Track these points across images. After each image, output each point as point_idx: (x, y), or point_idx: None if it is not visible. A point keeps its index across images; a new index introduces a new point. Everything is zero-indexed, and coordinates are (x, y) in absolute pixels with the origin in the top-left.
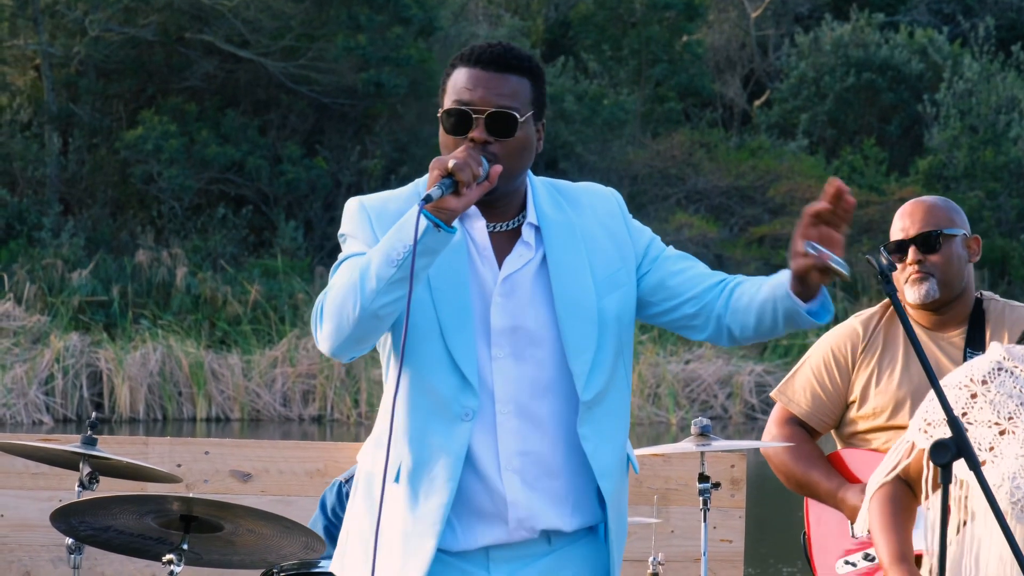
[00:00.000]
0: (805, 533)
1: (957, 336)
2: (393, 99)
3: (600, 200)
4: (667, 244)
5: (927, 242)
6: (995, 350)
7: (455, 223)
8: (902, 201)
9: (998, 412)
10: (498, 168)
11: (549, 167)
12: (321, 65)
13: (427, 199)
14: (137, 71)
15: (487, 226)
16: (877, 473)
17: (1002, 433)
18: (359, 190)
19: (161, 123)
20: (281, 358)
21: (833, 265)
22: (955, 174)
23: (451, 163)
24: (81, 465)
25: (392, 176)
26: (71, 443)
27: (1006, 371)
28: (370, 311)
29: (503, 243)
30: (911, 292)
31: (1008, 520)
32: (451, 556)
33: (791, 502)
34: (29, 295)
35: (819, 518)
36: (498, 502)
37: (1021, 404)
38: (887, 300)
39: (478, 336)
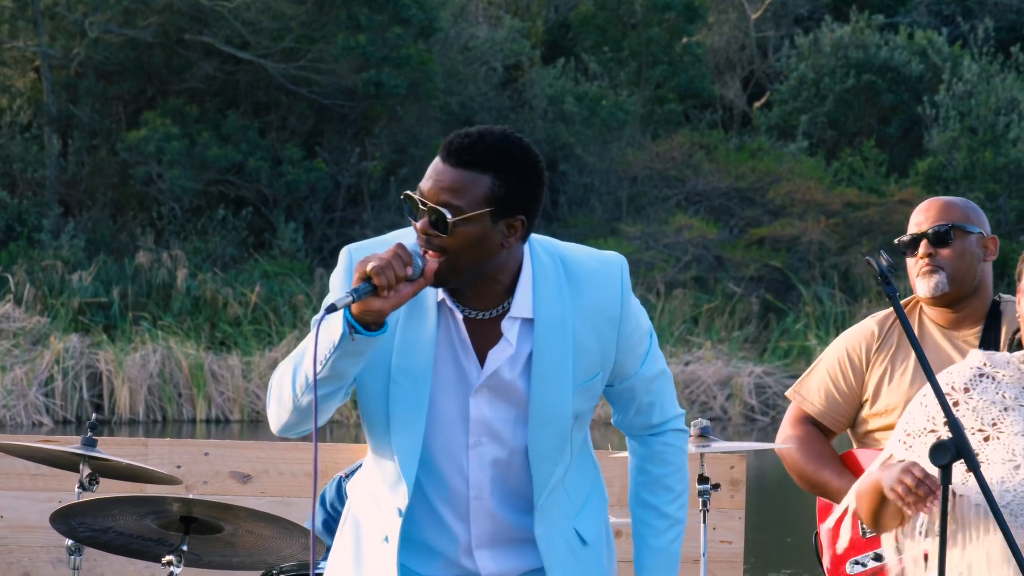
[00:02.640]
0: (816, 532)
1: (972, 335)
2: (393, 100)
3: (603, 294)
4: (666, 246)
5: (939, 236)
6: (974, 356)
7: (388, 320)
8: (902, 203)
9: (981, 419)
10: (433, 265)
11: (549, 168)
12: (321, 66)
13: (331, 308)
14: (137, 73)
15: (465, 312)
16: (859, 482)
17: (986, 439)
18: (359, 192)
19: (163, 125)
20: (281, 359)
21: None
22: (955, 176)
23: (370, 266)
24: (81, 466)
25: (392, 177)
26: (71, 444)
27: (988, 377)
28: (300, 405)
29: (483, 332)
30: (921, 285)
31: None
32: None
33: (791, 503)
34: (29, 296)
35: (830, 515)
36: (472, 571)
37: (1005, 409)
38: (908, 298)
39: (453, 426)
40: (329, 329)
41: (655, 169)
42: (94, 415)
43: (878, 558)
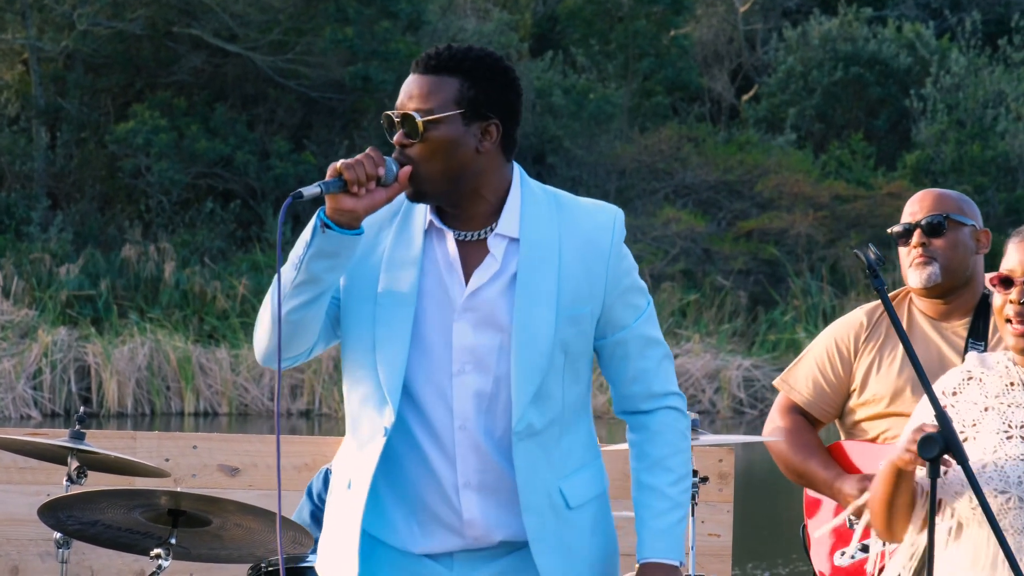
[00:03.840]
0: (804, 525)
1: (961, 327)
2: (381, 94)
3: (596, 232)
4: (654, 239)
5: (932, 227)
6: (969, 360)
7: (363, 225)
8: (890, 196)
9: (963, 421)
10: (407, 169)
11: (537, 161)
12: (309, 59)
13: (297, 195)
14: (125, 65)
15: (456, 235)
16: (870, 490)
17: (965, 440)
18: None
19: (151, 118)
20: None
21: None
22: (942, 169)
23: (339, 163)
24: (69, 459)
25: None
26: (59, 437)
27: (975, 379)
28: (281, 316)
29: (472, 254)
30: (914, 276)
31: (970, 525)
32: (414, 556)
33: (779, 497)
34: (17, 289)
35: (817, 509)
36: (456, 519)
37: (985, 409)
38: (898, 290)
39: (437, 352)
40: (305, 233)
41: (643, 162)
42: (82, 408)
43: (865, 548)
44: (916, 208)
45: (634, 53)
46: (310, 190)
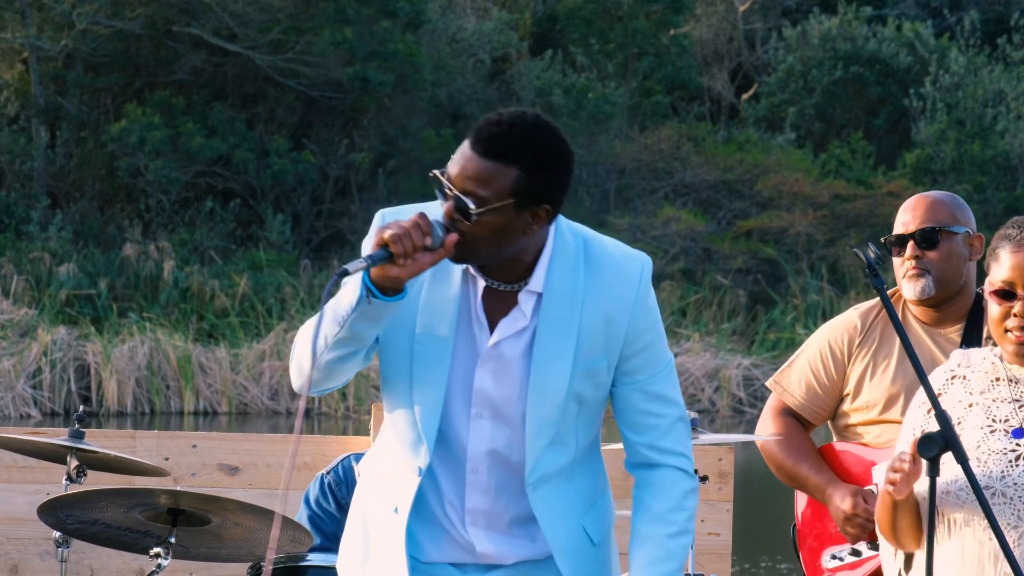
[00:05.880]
0: (795, 525)
1: (954, 332)
2: (380, 93)
3: (621, 283)
4: (654, 238)
5: (926, 238)
6: (952, 359)
7: (407, 286)
8: (889, 195)
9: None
10: (453, 237)
11: None
12: (308, 59)
13: (343, 272)
14: (125, 64)
15: (487, 282)
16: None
17: None
18: (346, 184)
19: (144, 115)
20: (268, 351)
21: None
22: (942, 168)
23: (387, 233)
24: (69, 458)
25: (380, 169)
26: (59, 436)
27: (959, 377)
28: (319, 364)
29: (500, 303)
30: (908, 288)
31: (959, 524)
32: (425, 564)
33: (778, 496)
34: (16, 288)
35: (808, 511)
36: (468, 547)
37: (969, 406)
38: (892, 289)
39: (457, 394)
40: (349, 290)
41: (643, 161)
42: (82, 407)
43: (855, 552)
44: (908, 217)
45: (633, 52)
46: (356, 265)
